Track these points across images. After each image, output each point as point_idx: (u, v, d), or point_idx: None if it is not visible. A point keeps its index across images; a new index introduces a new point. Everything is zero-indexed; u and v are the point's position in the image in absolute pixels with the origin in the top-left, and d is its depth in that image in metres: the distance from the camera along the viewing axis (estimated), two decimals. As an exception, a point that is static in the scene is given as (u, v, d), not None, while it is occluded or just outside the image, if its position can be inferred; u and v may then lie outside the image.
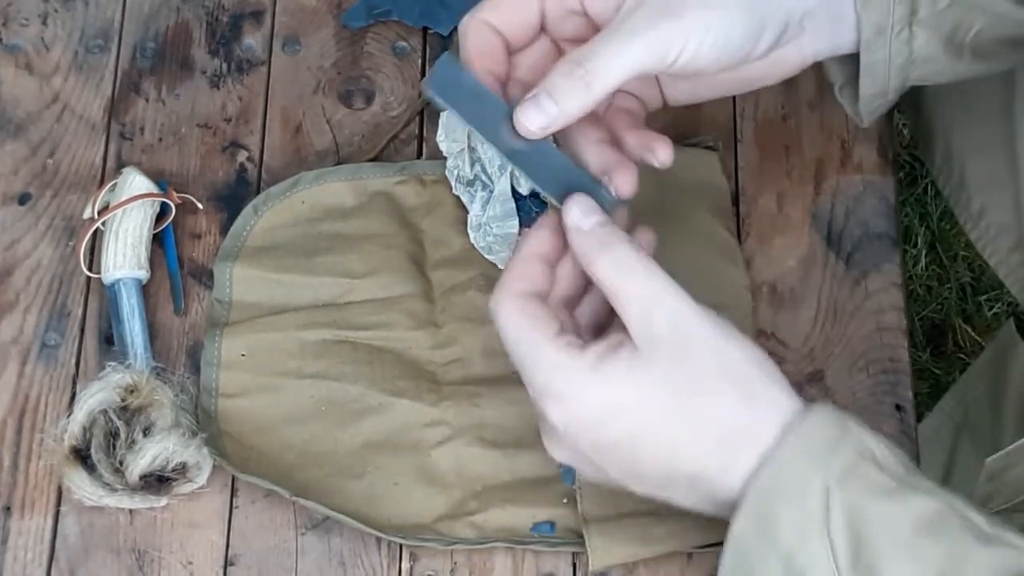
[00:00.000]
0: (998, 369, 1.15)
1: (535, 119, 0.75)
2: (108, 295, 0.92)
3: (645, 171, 0.93)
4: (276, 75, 0.99)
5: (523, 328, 0.74)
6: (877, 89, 0.82)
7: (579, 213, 0.75)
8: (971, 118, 0.97)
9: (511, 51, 0.79)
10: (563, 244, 0.76)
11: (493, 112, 0.76)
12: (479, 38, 0.77)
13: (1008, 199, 0.95)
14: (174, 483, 0.86)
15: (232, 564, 0.87)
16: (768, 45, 0.78)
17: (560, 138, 0.79)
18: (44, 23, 1.01)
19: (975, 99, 0.96)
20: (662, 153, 0.79)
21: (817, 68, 0.98)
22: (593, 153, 0.78)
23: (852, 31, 0.80)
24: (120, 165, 0.96)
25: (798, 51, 0.81)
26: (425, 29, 1.01)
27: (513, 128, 0.76)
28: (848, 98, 0.85)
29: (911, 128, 1.02)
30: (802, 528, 0.69)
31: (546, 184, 0.77)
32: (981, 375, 1.19)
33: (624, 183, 0.78)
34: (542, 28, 0.79)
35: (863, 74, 0.82)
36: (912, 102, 1.01)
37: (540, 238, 0.76)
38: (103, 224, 0.92)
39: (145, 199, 0.92)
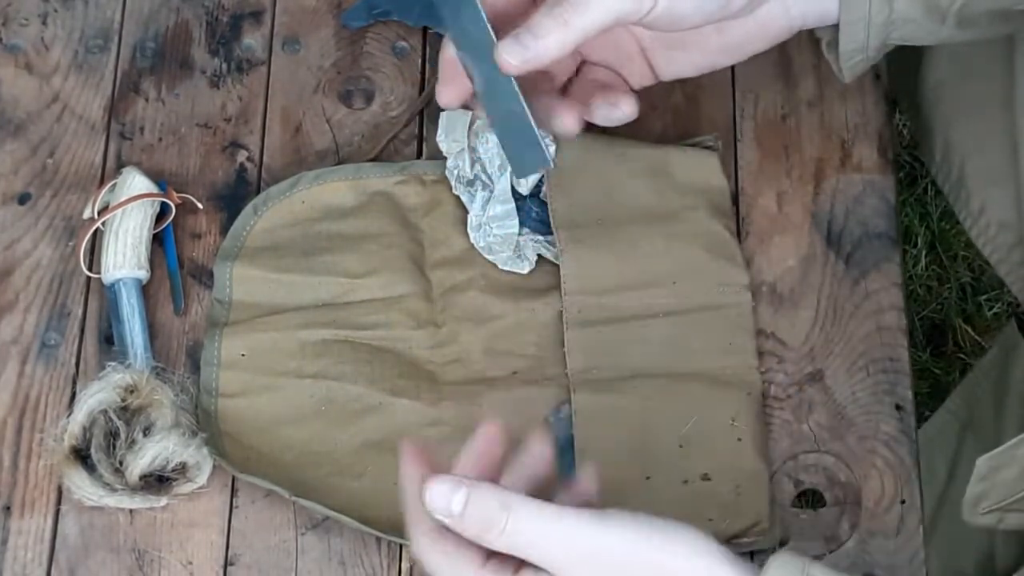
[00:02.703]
0: (1001, 369, 1.14)
1: (516, 53, 0.76)
2: (108, 295, 0.92)
3: (645, 171, 0.94)
4: (276, 75, 0.99)
5: (446, 567, 0.71)
6: (857, 46, 0.83)
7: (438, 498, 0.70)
8: (971, 115, 0.97)
9: (506, 24, 0.79)
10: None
11: (482, 40, 0.77)
12: None
13: (1008, 197, 0.94)
14: (174, 483, 0.86)
15: (232, 564, 0.87)
16: None
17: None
18: (44, 23, 1.01)
19: (975, 95, 0.96)
20: (626, 105, 0.80)
21: (816, 66, 0.98)
22: (541, 102, 0.80)
23: None
24: (120, 165, 0.96)
25: (783, 11, 0.81)
26: (425, 29, 1.01)
27: (493, 62, 0.77)
28: (833, 55, 0.85)
29: (911, 125, 1.02)
30: None
31: (499, 127, 0.79)
32: (986, 375, 1.19)
33: (570, 120, 0.80)
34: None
35: (842, 31, 0.82)
36: (911, 99, 1.01)
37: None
38: (103, 224, 0.92)
39: (145, 199, 0.92)
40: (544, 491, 0.73)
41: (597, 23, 0.76)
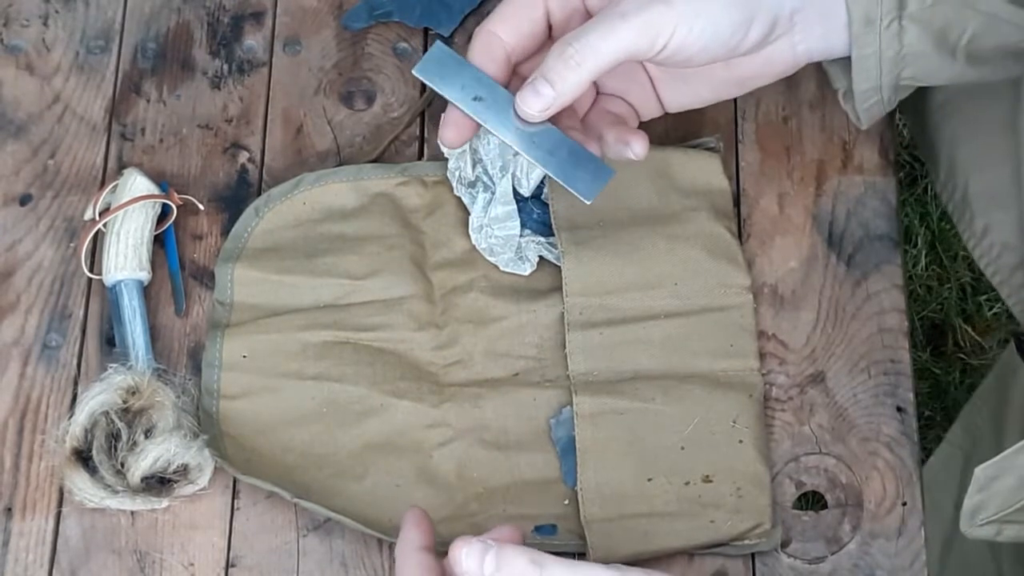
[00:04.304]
0: (1000, 394, 1.14)
1: (534, 103, 0.79)
2: (109, 296, 0.92)
3: (646, 173, 0.94)
4: (277, 76, 0.99)
5: None
6: (870, 85, 0.83)
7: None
8: (976, 135, 0.97)
9: (523, 58, 0.81)
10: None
11: (491, 96, 0.80)
12: (481, 46, 0.81)
13: (1012, 219, 0.94)
14: (175, 485, 0.86)
15: (233, 566, 0.87)
16: (757, 37, 0.80)
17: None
18: (45, 24, 1.01)
19: (980, 115, 0.96)
20: (637, 146, 0.82)
21: (818, 69, 0.98)
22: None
23: (843, 30, 0.82)
24: (121, 166, 0.96)
25: (790, 48, 0.82)
26: (426, 30, 1.01)
27: (515, 112, 0.80)
28: (851, 103, 0.86)
29: (916, 143, 1.02)
30: None
31: (547, 162, 0.81)
32: (985, 402, 1.19)
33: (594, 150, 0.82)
34: (551, 33, 0.81)
35: (855, 70, 0.83)
36: (917, 116, 1.01)
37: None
38: (104, 225, 0.92)
39: (146, 200, 0.92)
40: None
41: (609, 61, 0.78)
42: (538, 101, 0.78)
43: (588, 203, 0.81)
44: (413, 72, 0.82)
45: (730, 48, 0.80)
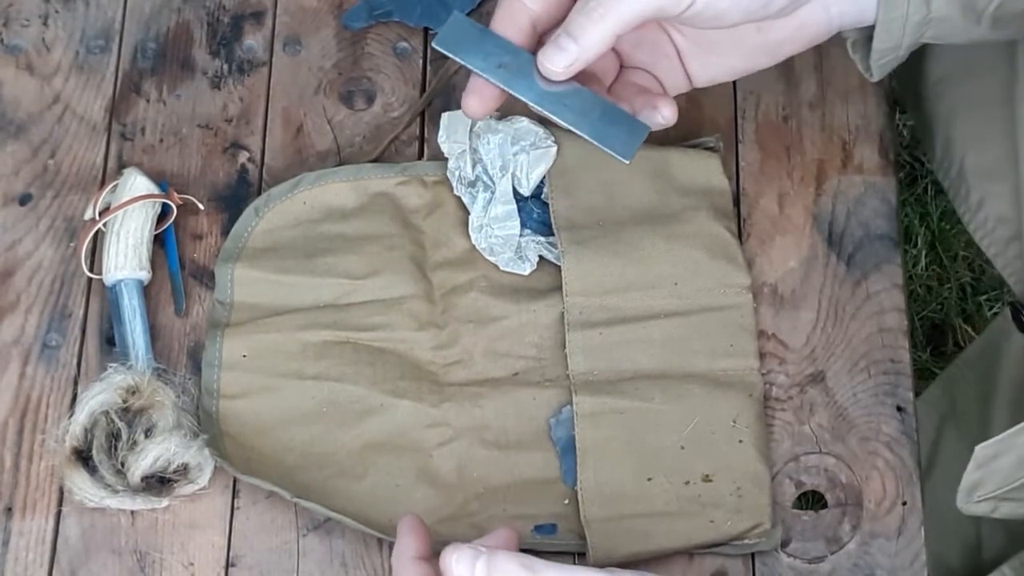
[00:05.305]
0: (990, 359, 1.14)
1: (558, 59, 0.76)
2: (109, 296, 0.92)
3: (646, 172, 0.94)
4: (277, 76, 0.99)
5: None
6: (891, 44, 0.82)
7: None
8: (972, 110, 0.97)
9: (549, 26, 0.79)
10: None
11: (515, 61, 0.78)
12: (505, 13, 0.79)
13: (1007, 190, 0.95)
14: (175, 484, 0.86)
15: (233, 565, 0.87)
16: None
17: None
18: (45, 24, 1.01)
19: (976, 92, 0.96)
20: (667, 109, 0.80)
21: (818, 69, 0.98)
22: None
23: None
24: (121, 166, 0.96)
25: (823, 11, 0.80)
26: (426, 29, 1.01)
27: (540, 74, 0.77)
28: (860, 53, 0.85)
29: (913, 121, 1.01)
30: None
31: (580, 123, 0.78)
32: (971, 365, 1.19)
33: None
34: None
35: (879, 29, 0.81)
36: (914, 95, 1.01)
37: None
38: (104, 225, 0.92)
39: (146, 200, 0.92)
40: None
41: (635, 15, 0.75)
42: (561, 57, 0.76)
43: (627, 163, 0.78)
44: (433, 45, 0.80)
45: (763, 4, 0.77)
